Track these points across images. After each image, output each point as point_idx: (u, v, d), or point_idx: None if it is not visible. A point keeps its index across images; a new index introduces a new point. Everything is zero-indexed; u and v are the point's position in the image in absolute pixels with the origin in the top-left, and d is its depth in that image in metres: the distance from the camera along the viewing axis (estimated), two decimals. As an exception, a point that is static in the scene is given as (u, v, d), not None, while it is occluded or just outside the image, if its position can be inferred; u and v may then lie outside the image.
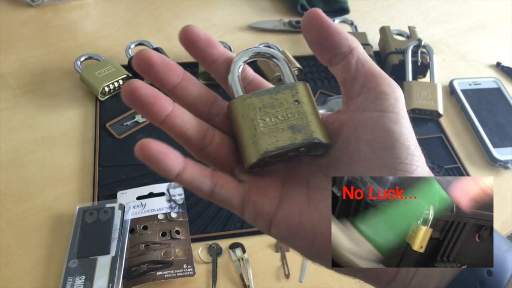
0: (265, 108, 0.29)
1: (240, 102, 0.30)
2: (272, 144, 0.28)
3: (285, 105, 0.29)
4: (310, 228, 0.28)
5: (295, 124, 0.28)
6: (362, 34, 0.87)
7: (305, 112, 0.29)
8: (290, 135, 0.28)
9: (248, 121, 0.29)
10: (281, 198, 0.30)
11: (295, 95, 0.30)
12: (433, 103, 0.76)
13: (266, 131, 0.28)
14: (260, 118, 0.29)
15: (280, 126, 0.28)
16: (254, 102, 0.29)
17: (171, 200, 0.62)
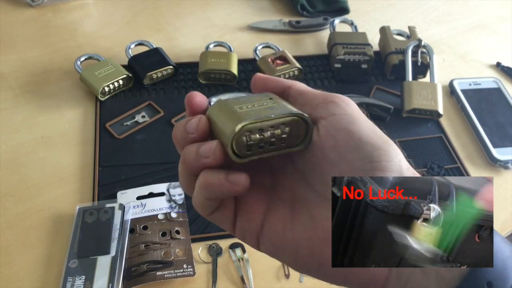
0: (242, 103, 0.29)
1: (216, 103, 0.30)
2: (252, 116, 0.27)
3: (260, 99, 0.30)
4: (293, 243, 0.29)
5: (272, 106, 0.29)
6: (362, 34, 0.87)
7: (281, 102, 0.30)
8: (269, 111, 0.28)
9: (226, 109, 0.29)
10: (266, 215, 0.30)
11: (268, 95, 0.31)
12: (433, 103, 0.76)
13: (243, 112, 0.28)
14: (237, 107, 0.28)
15: (258, 108, 0.28)
16: (230, 101, 0.30)
17: (171, 200, 0.62)
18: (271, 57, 0.81)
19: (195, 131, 0.29)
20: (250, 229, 0.30)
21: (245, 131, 0.27)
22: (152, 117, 0.73)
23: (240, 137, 0.27)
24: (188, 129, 0.29)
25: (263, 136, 0.28)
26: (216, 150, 0.27)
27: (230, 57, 0.81)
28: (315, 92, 0.31)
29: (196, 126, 0.29)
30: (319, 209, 0.29)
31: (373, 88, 0.82)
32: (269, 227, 0.30)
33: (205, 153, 0.27)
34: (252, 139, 0.28)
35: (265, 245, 0.30)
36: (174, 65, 0.80)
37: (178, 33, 0.91)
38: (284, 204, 0.30)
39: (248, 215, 0.30)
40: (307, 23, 0.94)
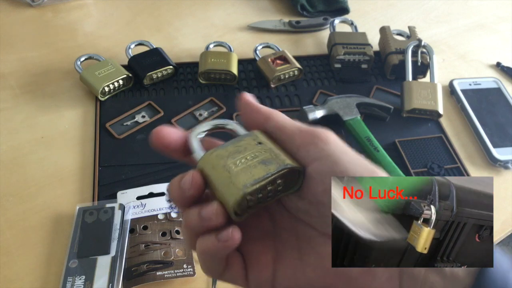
0: (233, 155, 0.29)
1: (207, 157, 0.30)
2: (249, 179, 0.28)
3: (250, 148, 0.30)
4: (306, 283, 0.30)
5: (265, 159, 0.29)
6: (362, 34, 0.87)
7: (270, 148, 0.30)
8: (264, 168, 0.28)
9: (220, 168, 0.29)
10: (275, 262, 0.31)
11: (256, 139, 0.31)
12: (433, 103, 0.76)
13: (240, 170, 0.28)
14: (231, 163, 0.29)
15: (252, 163, 0.29)
16: (221, 153, 0.30)
17: (171, 200, 0.62)
18: (271, 57, 0.81)
19: (191, 187, 0.29)
20: (264, 280, 0.31)
21: (245, 196, 0.28)
22: (152, 117, 0.73)
23: (242, 202, 0.28)
24: (183, 186, 0.29)
25: (262, 194, 0.29)
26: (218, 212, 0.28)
27: (230, 57, 0.81)
28: (293, 129, 0.31)
29: (190, 182, 0.29)
30: (323, 246, 0.30)
31: (373, 88, 0.82)
32: (281, 274, 0.30)
33: (208, 217, 0.28)
34: (252, 200, 0.28)
35: None
36: (174, 65, 0.80)
37: (178, 33, 0.91)
38: (290, 247, 0.31)
39: (258, 267, 0.31)
40: (307, 23, 0.94)
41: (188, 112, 0.75)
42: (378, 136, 0.71)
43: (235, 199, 0.27)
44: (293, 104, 0.78)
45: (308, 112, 0.72)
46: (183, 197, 0.30)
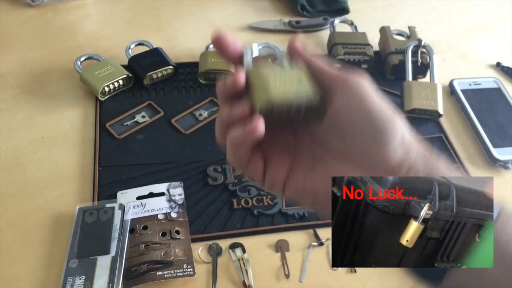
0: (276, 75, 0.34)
1: (255, 69, 0.35)
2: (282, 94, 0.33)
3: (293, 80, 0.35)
4: (312, 190, 0.35)
5: (299, 89, 0.34)
6: (362, 34, 0.87)
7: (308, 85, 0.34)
8: (295, 94, 0.33)
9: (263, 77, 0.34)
10: (290, 169, 0.36)
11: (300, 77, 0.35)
12: (433, 103, 0.76)
13: (276, 85, 0.33)
14: (271, 77, 0.34)
15: (287, 87, 0.34)
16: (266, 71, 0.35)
17: (171, 200, 0.62)
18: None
19: (232, 82, 0.34)
20: (277, 179, 0.36)
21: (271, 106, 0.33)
22: (152, 117, 0.73)
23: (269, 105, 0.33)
24: (227, 81, 0.34)
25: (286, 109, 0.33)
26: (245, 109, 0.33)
27: (230, 57, 0.81)
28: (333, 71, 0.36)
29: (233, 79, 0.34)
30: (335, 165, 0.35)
31: (373, 88, 0.82)
32: (293, 178, 0.36)
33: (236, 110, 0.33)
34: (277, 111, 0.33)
35: (289, 192, 0.36)
36: (174, 65, 0.80)
37: (178, 33, 0.91)
38: (305, 162, 0.36)
39: (275, 169, 0.36)
40: (307, 23, 0.94)
41: (188, 112, 0.75)
42: (378, 136, 0.70)
43: (264, 102, 0.32)
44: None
45: (308, 112, 0.72)
46: (224, 89, 0.35)
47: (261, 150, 0.36)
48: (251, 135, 0.32)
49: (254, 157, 0.36)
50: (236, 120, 0.33)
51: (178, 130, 0.72)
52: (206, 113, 0.75)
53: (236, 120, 0.33)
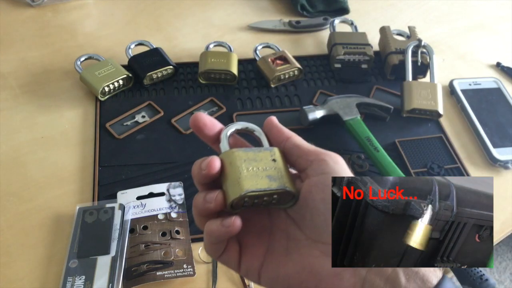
0: (249, 161, 0.35)
1: (230, 153, 0.35)
2: (253, 186, 0.33)
3: (265, 161, 0.35)
4: (285, 277, 0.35)
5: (272, 175, 0.34)
6: (362, 34, 0.87)
7: (280, 168, 0.35)
8: (267, 182, 0.34)
9: (235, 167, 0.34)
10: (265, 255, 0.36)
11: (273, 155, 0.36)
12: (433, 103, 0.76)
13: (248, 175, 0.34)
14: (244, 166, 0.34)
15: (260, 174, 0.34)
16: (241, 155, 0.35)
17: (171, 200, 0.62)
18: (271, 57, 0.81)
19: (206, 167, 0.34)
20: (253, 268, 0.36)
21: (244, 197, 0.33)
22: (152, 117, 0.73)
23: (240, 200, 0.33)
24: (202, 166, 0.34)
25: (257, 200, 0.34)
26: (218, 199, 0.33)
27: (230, 57, 0.81)
28: (309, 148, 0.36)
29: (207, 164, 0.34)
30: (306, 248, 0.34)
31: (373, 88, 0.82)
32: (267, 266, 0.36)
33: (210, 200, 0.34)
34: (248, 202, 0.34)
35: (264, 281, 0.36)
36: (174, 65, 0.80)
37: (178, 33, 0.91)
38: (280, 245, 0.36)
39: (250, 256, 0.36)
40: (307, 23, 0.94)
41: (188, 112, 0.75)
42: (378, 136, 0.71)
43: (236, 196, 0.33)
44: (293, 104, 0.78)
45: (308, 112, 0.72)
46: (199, 174, 0.35)
47: (236, 236, 0.36)
48: (227, 232, 0.33)
49: (229, 246, 0.36)
50: (209, 210, 0.34)
51: (178, 130, 0.72)
52: (206, 113, 0.75)
53: (209, 209, 0.34)
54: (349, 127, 0.72)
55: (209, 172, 0.34)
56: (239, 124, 0.39)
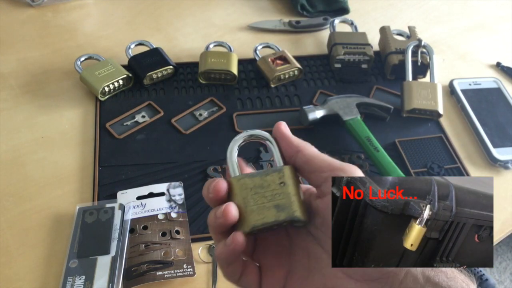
0: (255, 189, 0.34)
1: (235, 181, 0.35)
2: (259, 221, 0.33)
3: (272, 186, 0.34)
4: None
5: (279, 204, 0.33)
6: (362, 34, 0.87)
7: (288, 193, 0.34)
8: (275, 213, 0.33)
9: (241, 198, 0.34)
10: (286, 278, 0.34)
11: (282, 177, 0.35)
12: (433, 103, 0.76)
13: (255, 208, 0.33)
14: (250, 197, 0.34)
15: (267, 205, 0.33)
16: (247, 182, 0.34)
17: (171, 200, 0.62)
18: (271, 57, 0.81)
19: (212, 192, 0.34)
20: None
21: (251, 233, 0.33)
22: (152, 117, 0.73)
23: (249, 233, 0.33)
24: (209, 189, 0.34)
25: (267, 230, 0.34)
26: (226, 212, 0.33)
27: (230, 57, 0.81)
28: (322, 162, 0.34)
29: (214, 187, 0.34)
30: (329, 268, 0.32)
31: (373, 88, 0.82)
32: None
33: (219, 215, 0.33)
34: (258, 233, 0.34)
35: None
36: (174, 65, 0.80)
37: (178, 33, 0.91)
38: (301, 265, 0.34)
39: (271, 279, 0.35)
40: (307, 23, 0.94)
41: (188, 112, 0.75)
42: (378, 136, 0.71)
43: (243, 230, 0.33)
44: (293, 104, 0.78)
45: (308, 112, 0.72)
46: (208, 197, 0.35)
47: (255, 259, 0.35)
48: (232, 251, 0.32)
49: (248, 268, 0.35)
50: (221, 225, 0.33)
51: (178, 130, 0.72)
52: (206, 113, 0.75)
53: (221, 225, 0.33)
54: (349, 127, 0.72)
55: (215, 195, 0.34)
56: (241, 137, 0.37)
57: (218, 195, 0.34)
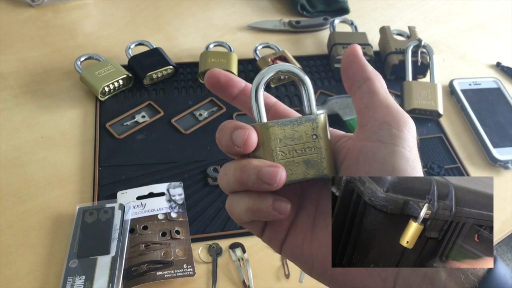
0: (285, 140, 0.31)
1: (263, 129, 0.31)
2: (287, 178, 0.30)
3: (304, 138, 0.31)
4: (309, 256, 0.31)
5: (309, 159, 0.31)
6: (362, 34, 0.87)
7: (320, 147, 0.31)
8: (304, 170, 0.31)
9: (268, 151, 0.30)
10: (290, 227, 0.33)
11: (315, 128, 0.31)
12: (433, 103, 0.76)
13: (283, 162, 0.30)
14: (279, 149, 0.30)
15: (296, 159, 0.31)
16: (276, 132, 0.31)
17: (171, 200, 0.62)
18: (271, 57, 0.81)
19: (241, 145, 0.30)
20: (276, 238, 0.33)
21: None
22: (152, 117, 0.73)
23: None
24: (235, 140, 0.30)
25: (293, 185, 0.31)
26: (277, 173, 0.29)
27: (230, 57, 0.81)
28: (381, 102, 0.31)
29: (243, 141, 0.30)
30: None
31: (373, 88, 0.82)
32: (291, 239, 0.32)
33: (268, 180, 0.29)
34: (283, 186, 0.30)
35: (286, 253, 0.33)
36: (174, 65, 0.80)
37: (178, 33, 0.91)
38: (307, 217, 0.32)
39: (275, 226, 0.33)
40: (307, 23, 0.94)
41: (188, 112, 0.75)
42: (378, 136, 0.71)
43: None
44: (293, 104, 0.78)
45: (308, 112, 0.72)
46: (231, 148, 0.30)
47: None
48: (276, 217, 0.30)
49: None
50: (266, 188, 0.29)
51: (178, 130, 0.72)
52: (206, 113, 0.75)
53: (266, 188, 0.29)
54: (349, 127, 0.72)
55: (246, 150, 0.30)
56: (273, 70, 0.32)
57: (249, 150, 0.30)
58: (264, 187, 0.29)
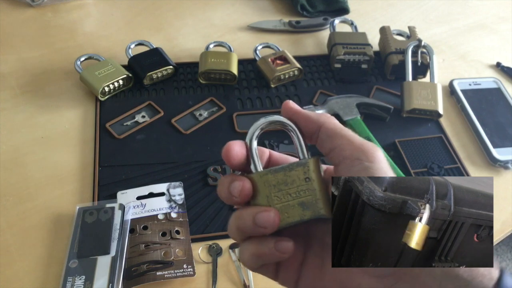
0: (279, 186, 0.32)
1: (258, 178, 0.32)
2: (284, 221, 0.31)
3: (297, 182, 0.32)
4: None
5: (304, 201, 0.31)
6: (362, 34, 0.87)
7: (314, 189, 0.32)
8: (300, 212, 0.31)
9: (264, 197, 0.32)
10: (302, 266, 0.34)
11: (307, 172, 0.32)
12: (433, 103, 0.76)
13: (279, 207, 0.31)
14: (274, 195, 0.32)
15: (292, 203, 0.32)
16: (270, 179, 0.32)
17: (171, 200, 0.62)
18: (271, 57, 0.81)
19: (238, 196, 0.31)
20: (290, 279, 0.34)
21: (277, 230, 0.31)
22: (152, 117, 0.73)
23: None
24: (232, 191, 0.31)
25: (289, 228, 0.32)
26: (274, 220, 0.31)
27: (230, 57, 0.81)
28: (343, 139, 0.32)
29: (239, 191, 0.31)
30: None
31: (373, 88, 0.82)
32: (304, 278, 0.33)
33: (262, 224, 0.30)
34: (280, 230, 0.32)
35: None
36: (174, 65, 0.80)
37: (178, 33, 0.91)
38: (315, 256, 0.33)
39: (287, 267, 0.34)
40: (307, 23, 0.94)
41: (188, 112, 0.75)
42: (378, 136, 0.71)
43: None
44: (293, 104, 0.78)
45: (308, 112, 0.72)
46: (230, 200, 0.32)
47: None
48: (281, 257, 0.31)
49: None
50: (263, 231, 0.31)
51: (178, 130, 0.72)
52: (206, 113, 0.75)
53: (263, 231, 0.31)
54: (349, 127, 0.72)
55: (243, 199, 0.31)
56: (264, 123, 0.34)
57: (245, 199, 0.31)
58: (261, 231, 0.31)
